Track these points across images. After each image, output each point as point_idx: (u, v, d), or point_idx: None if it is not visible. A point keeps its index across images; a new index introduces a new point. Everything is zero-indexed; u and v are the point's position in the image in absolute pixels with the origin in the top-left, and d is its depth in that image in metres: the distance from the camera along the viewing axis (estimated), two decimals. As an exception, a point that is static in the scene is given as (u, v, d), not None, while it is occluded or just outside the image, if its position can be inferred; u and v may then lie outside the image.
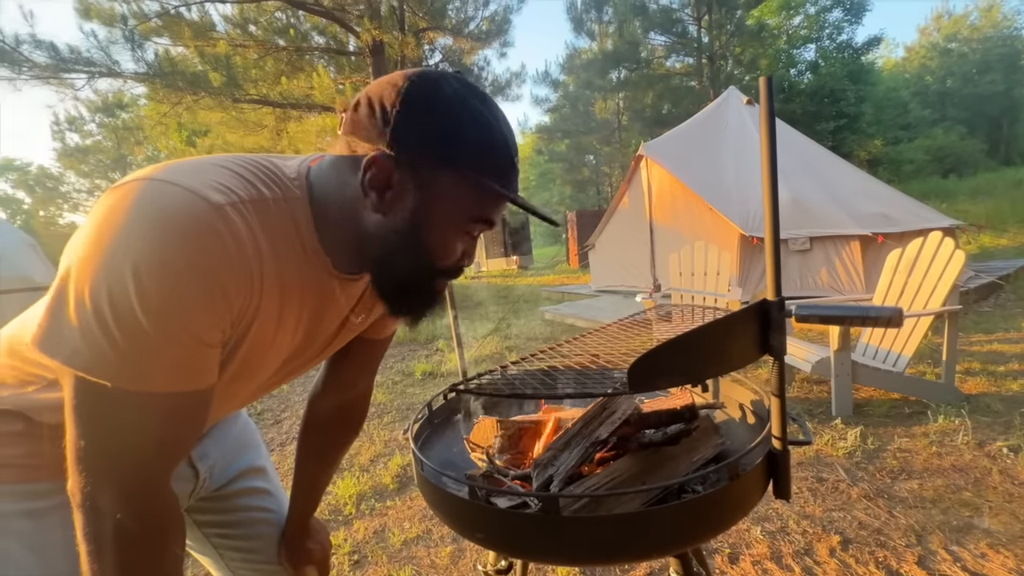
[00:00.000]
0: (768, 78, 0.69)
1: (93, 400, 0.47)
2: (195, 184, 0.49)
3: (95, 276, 0.45)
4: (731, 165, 5.95)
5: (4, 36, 5.82)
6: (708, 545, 1.72)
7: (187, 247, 0.47)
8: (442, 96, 0.56)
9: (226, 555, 0.89)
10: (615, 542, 0.68)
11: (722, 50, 17.21)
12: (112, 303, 0.45)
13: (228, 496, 0.87)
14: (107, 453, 0.48)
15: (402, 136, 0.55)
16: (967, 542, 1.62)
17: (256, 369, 0.64)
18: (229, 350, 0.57)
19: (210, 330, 0.51)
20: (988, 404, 2.61)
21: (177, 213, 0.47)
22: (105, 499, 0.48)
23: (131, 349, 0.46)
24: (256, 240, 0.53)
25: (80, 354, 0.45)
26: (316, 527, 0.96)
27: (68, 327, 0.46)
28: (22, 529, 0.61)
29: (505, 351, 4.89)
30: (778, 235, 0.70)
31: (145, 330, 0.46)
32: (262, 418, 3.53)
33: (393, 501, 2.24)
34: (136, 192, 0.48)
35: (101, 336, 0.45)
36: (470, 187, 0.58)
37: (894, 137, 22.52)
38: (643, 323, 1.36)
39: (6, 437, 0.60)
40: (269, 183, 0.57)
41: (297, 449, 0.93)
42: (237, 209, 0.51)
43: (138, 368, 0.47)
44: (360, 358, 0.88)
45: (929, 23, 33.10)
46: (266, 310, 0.57)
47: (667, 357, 0.66)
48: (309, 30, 8.42)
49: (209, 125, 8.75)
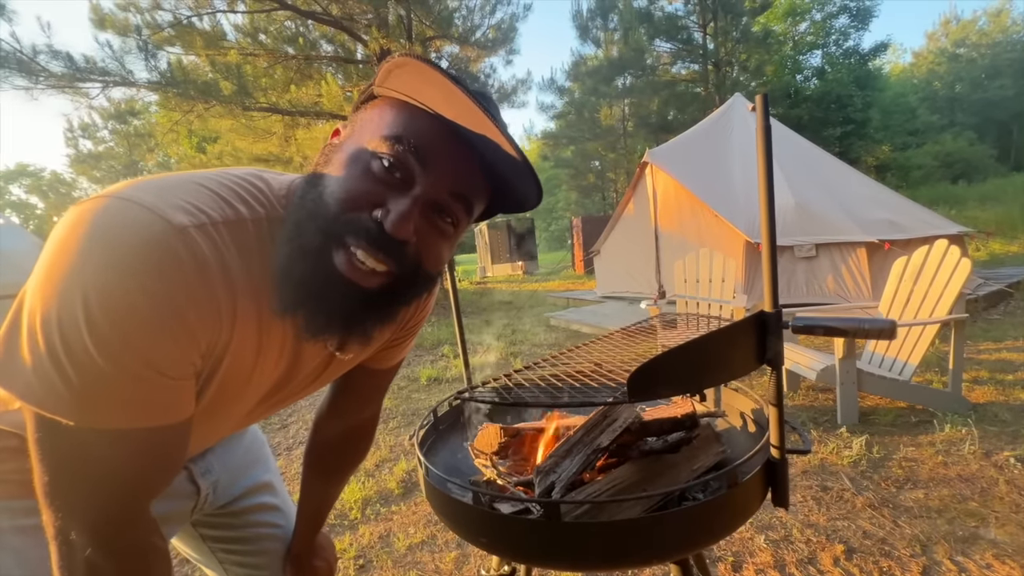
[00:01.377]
0: (764, 95, 0.71)
1: (52, 436, 0.43)
2: (158, 203, 0.45)
3: (46, 306, 0.41)
4: (737, 172, 5.95)
5: (22, 46, 5.96)
6: (712, 553, 1.72)
7: (141, 273, 0.42)
8: (410, 67, 0.49)
9: (231, 570, 0.88)
10: (616, 548, 0.70)
11: (728, 57, 17.23)
12: (63, 336, 0.41)
13: (236, 513, 0.87)
14: (73, 489, 0.45)
15: (360, 104, 0.54)
16: (973, 553, 1.61)
17: (235, 401, 0.60)
18: (203, 381, 0.53)
19: (174, 363, 0.46)
20: (996, 413, 2.59)
21: (132, 236, 0.42)
22: (77, 537, 0.46)
23: (85, 385, 0.42)
24: (225, 265, 0.48)
25: (33, 389, 0.42)
26: (323, 543, 0.96)
27: (21, 359, 0.42)
28: (17, 545, 0.60)
29: (510, 357, 4.91)
30: (775, 247, 0.71)
31: (99, 365, 0.42)
32: (269, 423, 3.56)
33: (398, 506, 2.25)
34: (94, 212, 0.43)
35: (53, 371, 0.41)
36: (384, 108, 0.52)
37: (902, 143, 22.40)
38: (648, 330, 1.38)
39: (2, 453, 0.58)
40: (251, 201, 0.52)
41: (303, 467, 0.92)
42: (205, 231, 0.46)
43: (94, 405, 0.43)
44: (364, 388, 0.85)
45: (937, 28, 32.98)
46: (241, 339, 0.52)
47: (666, 367, 0.67)
48: (318, 39, 8.55)
49: (219, 132, 8.88)
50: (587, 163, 21.23)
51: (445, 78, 0.47)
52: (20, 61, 5.98)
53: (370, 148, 0.50)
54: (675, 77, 18.26)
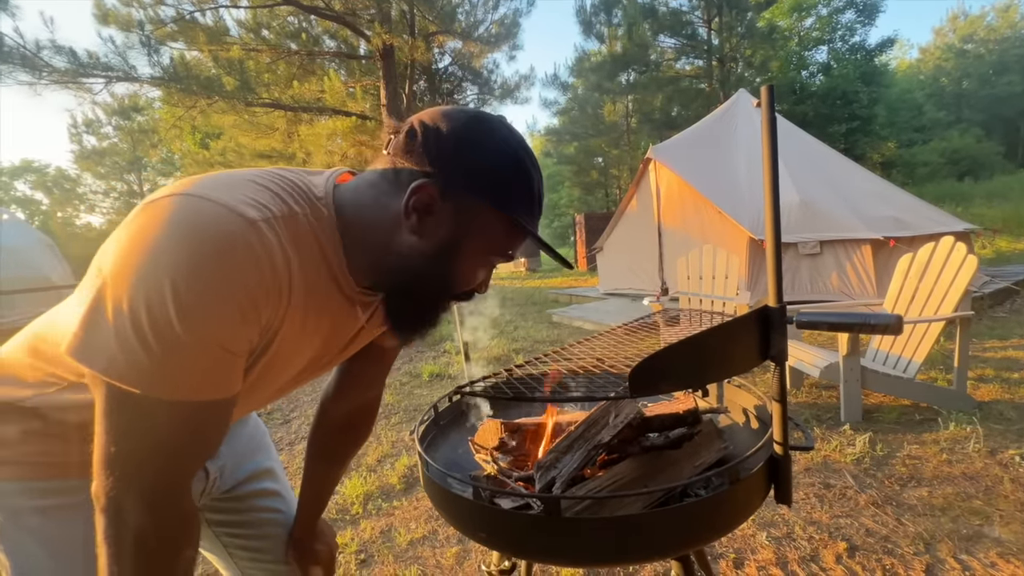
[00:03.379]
0: (770, 87, 0.70)
1: (125, 408, 0.49)
2: (230, 200, 0.52)
3: (133, 288, 0.47)
4: (741, 168, 5.92)
5: (26, 42, 5.97)
6: (713, 550, 1.71)
7: (223, 261, 0.49)
8: (492, 140, 0.61)
9: (235, 554, 0.91)
10: (616, 544, 0.69)
11: (732, 52, 17.10)
12: (150, 314, 0.46)
13: (240, 497, 0.89)
14: (135, 459, 0.50)
15: (451, 170, 0.59)
16: (976, 551, 1.60)
17: (278, 374, 0.67)
18: (254, 358, 0.59)
19: (239, 340, 0.53)
20: (1001, 411, 2.58)
21: (214, 228, 0.49)
22: (129, 503, 0.50)
23: (165, 359, 0.48)
24: (286, 254, 0.55)
25: (116, 363, 0.47)
26: (323, 528, 0.98)
27: (104, 337, 0.47)
28: (36, 525, 0.64)
29: (512, 353, 4.91)
30: (779, 242, 0.71)
31: (181, 340, 0.47)
32: (272, 418, 3.57)
33: (400, 501, 2.26)
34: (173, 207, 0.50)
35: (138, 346, 0.47)
36: (505, 225, 0.63)
37: (908, 139, 22.22)
38: (650, 326, 1.37)
39: (24, 435, 0.62)
40: (299, 199, 0.59)
41: (307, 451, 0.95)
42: (270, 224, 0.54)
43: (171, 377, 0.49)
44: (372, 363, 0.90)
45: (944, 24, 32.65)
46: (291, 320, 0.60)
47: (668, 362, 0.67)
48: (320, 34, 8.54)
49: (222, 128, 8.89)
50: (590, 160, 21.14)
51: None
52: (23, 56, 5.98)
53: (488, 257, 0.66)
54: (679, 73, 18.13)
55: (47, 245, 7.74)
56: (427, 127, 0.60)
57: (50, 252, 7.65)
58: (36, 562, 0.64)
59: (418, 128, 0.60)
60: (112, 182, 18.91)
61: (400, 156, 0.61)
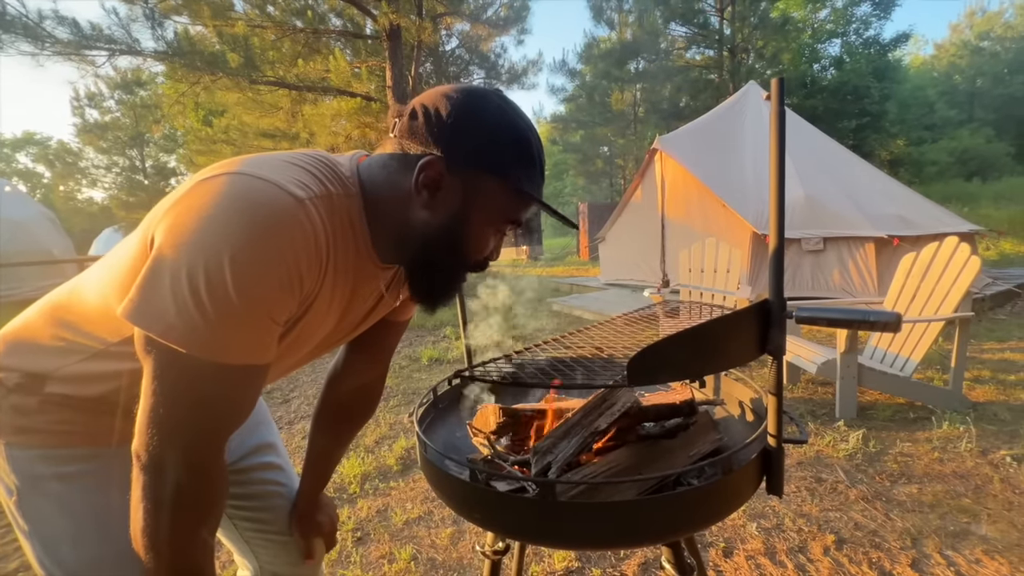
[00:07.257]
0: (781, 80, 0.69)
1: (177, 369, 0.52)
2: (280, 180, 0.56)
3: (192, 257, 0.50)
4: (748, 162, 5.87)
5: (28, 12, 5.88)
6: (703, 538, 1.74)
7: (277, 236, 0.53)
8: (488, 110, 0.64)
9: (240, 525, 0.93)
10: (609, 528, 0.71)
11: (744, 43, 16.81)
12: (208, 281, 0.49)
13: (243, 470, 0.91)
14: (180, 419, 0.53)
15: (454, 144, 0.62)
16: (962, 547, 1.63)
17: (303, 344, 0.71)
18: (287, 328, 0.62)
19: (283, 310, 0.57)
20: (995, 412, 2.60)
21: (269, 205, 0.53)
22: (171, 460, 0.53)
23: (219, 323, 0.51)
24: (326, 230, 0.60)
25: (174, 327, 0.50)
26: (325, 502, 1.01)
27: (162, 302, 0.50)
28: (57, 491, 0.66)
29: (512, 339, 4.92)
30: (783, 235, 0.71)
31: (235, 307, 0.51)
32: (271, 396, 3.61)
33: (396, 482, 2.29)
34: (228, 183, 0.54)
35: (195, 311, 0.50)
36: (508, 192, 0.66)
37: (918, 137, 21.93)
38: (649, 317, 1.38)
39: (45, 404, 0.65)
40: (332, 180, 0.63)
41: (312, 426, 0.97)
42: (314, 203, 0.58)
43: (222, 341, 0.52)
44: (380, 339, 0.94)
45: (961, 20, 32.04)
46: (323, 294, 0.64)
47: (667, 352, 0.67)
48: (326, 12, 8.39)
49: (226, 105, 8.78)
50: (596, 148, 20.95)
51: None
52: (26, 26, 5.90)
53: (498, 224, 0.69)
54: (689, 63, 17.85)
55: (49, 218, 7.73)
56: (427, 109, 0.64)
57: (51, 225, 7.65)
58: (55, 526, 0.66)
59: (419, 110, 0.64)
60: (114, 157, 18.73)
61: (406, 138, 0.65)
